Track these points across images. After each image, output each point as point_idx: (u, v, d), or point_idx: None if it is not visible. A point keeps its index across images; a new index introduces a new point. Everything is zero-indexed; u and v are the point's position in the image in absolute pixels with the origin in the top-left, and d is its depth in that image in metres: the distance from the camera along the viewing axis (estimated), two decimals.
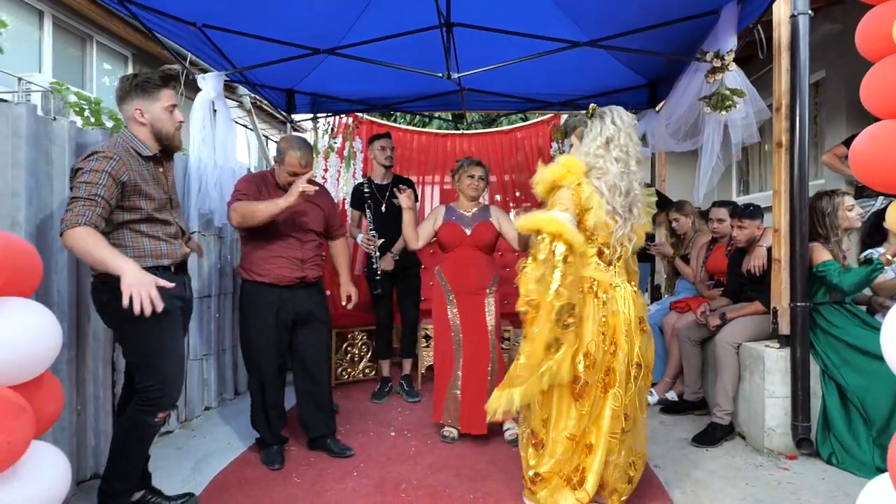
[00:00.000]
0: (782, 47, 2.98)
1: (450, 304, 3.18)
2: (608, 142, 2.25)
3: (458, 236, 3.20)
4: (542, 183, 2.25)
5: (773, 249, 3.08)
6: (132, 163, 2.08)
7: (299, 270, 2.86)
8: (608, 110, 2.34)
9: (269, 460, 2.83)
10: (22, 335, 1.41)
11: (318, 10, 3.44)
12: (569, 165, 2.21)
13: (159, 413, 2.13)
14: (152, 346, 2.09)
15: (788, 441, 2.95)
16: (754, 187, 6.45)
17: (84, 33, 6.60)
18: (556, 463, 2.22)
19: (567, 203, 2.15)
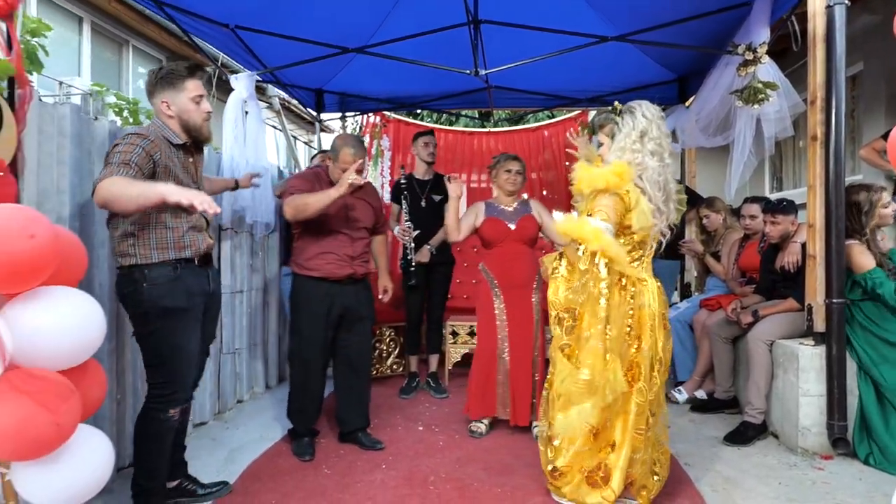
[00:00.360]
0: (817, 39, 2.91)
1: (496, 298, 3.18)
2: (642, 135, 2.25)
3: (502, 231, 3.18)
4: (588, 185, 2.21)
5: (808, 245, 3.01)
6: (164, 147, 2.10)
7: (349, 267, 2.90)
8: (636, 104, 2.33)
9: (301, 451, 2.88)
10: (69, 322, 1.48)
11: (347, 10, 3.50)
12: (620, 173, 2.16)
13: (170, 410, 2.12)
14: (167, 343, 2.08)
15: (824, 440, 2.89)
16: (788, 184, 6.29)
17: (121, 38, 6.81)
18: (574, 455, 2.21)
19: (609, 211, 2.13)
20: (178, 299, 2.09)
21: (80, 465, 1.50)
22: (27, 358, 1.39)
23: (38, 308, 1.44)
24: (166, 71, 2.16)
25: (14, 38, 1.89)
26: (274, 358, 4.16)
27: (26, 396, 1.34)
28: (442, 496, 2.45)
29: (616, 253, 2.07)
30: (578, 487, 2.24)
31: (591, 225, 2.09)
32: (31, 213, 1.41)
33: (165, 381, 2.10)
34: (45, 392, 1.38)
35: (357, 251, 2.95)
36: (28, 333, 1.39)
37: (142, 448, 2.11)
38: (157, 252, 2.08)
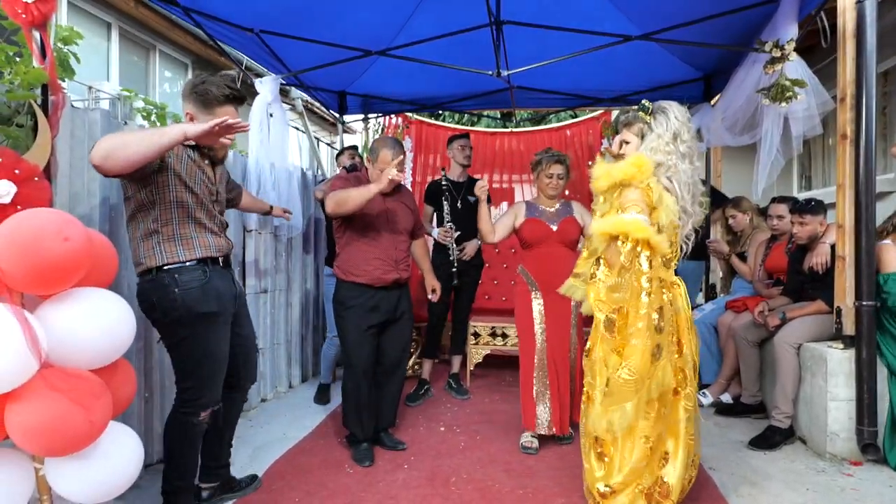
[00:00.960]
0: (847, 35, 2.84)
1: (536, 299, 3.10)
2: (675, 137, 2.21)
3: (543, 233, 3.10)
4: (608, 180, 2.18)
5: (837, 246, 2.95)
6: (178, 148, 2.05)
7: (394, 272, 2.90)
8: (667, 105, 2.28)
9: (360, 458, 2.83)
10: (101, 322, 1.52)
11: (369, 14, 3.53)
12: (639, 164, 2.13)
13: (201, 414, 2.12)
14: (199, 349, 2.06)
15: (853, 446, 2.82)
16: (817, 183, 6.15)
17: (148, 43, 6.96)
18: (630, 472, 2.11)
19: (640, 204, 2.10)
20: (211, 304, 2.06)
21: (110, 460, 1.55)
22: (60, 357, 1.43)
23: (71, 309, 1.49)
24: (203, 89, 2.11)
25: (48, 47, 1.95)
26: (297, 357, 4.21)
27: (61, 394, 1.38)
28: (464, 497, 2.46)
29: (658, 241, 2.04)
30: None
31: (628, 218, 2.06)
32: (65, 217, 1.46)
33: (195, 386, 2.09)
34: (78, 390, 1.42)
35: (400, 255, 2.96)
36: (61, 333, 1.43)
37: (172, 449, 2.13)
38: (183, 250, 2.04)
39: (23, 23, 1.90)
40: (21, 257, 1.36)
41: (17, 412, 1.37)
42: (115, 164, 1.74)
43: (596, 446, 2.20)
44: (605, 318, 2.13)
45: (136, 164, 1.79)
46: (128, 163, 1.76)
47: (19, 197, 1.46)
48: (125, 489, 1.60)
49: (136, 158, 1.76)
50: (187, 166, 2.09)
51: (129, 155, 1.75)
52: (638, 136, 2.29)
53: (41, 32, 1.94)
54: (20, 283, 1.40)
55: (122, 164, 1.75)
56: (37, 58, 1.95)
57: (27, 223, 1.39)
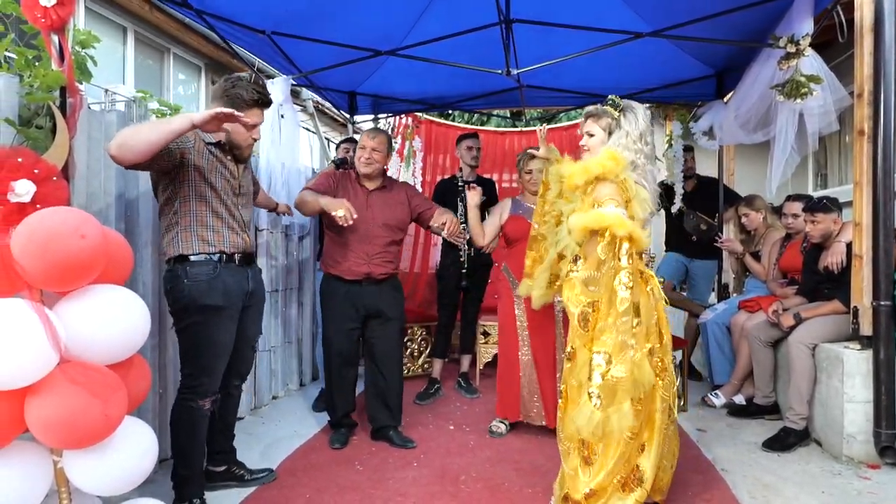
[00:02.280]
0: (865, 29, 2.80)
1: (517, 299, 3.13)
2: (641, 137, 2.24)
3: (524, 229, 3.11)
4: (585, 175, 2.17)
5: (854, 245, 2.90)
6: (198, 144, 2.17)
7: (366, 265, 2.95)
8: (635, 105, 2.30)
9: (332, 440, 3.01)
10: (117, 319, 1.55)
11: (379, 14, 3.55)
12: (615, 158, 2.14)
13: (199, 400, 2.19)
14: (200, 337, 2.16)
15: (870, 449, 2.78)
16: (833, 181, 6.06)
17: (162, 46, 7.05)
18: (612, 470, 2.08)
19: (617, 197, 2.10)
20: (216, 298, 2.17)
21: (126, 454, 1.57)
22: (77, 353, 1.46)
23: (88, 305, 1.51)
24: (234, 93, 2.20)
25: (66, 50, 1.99)
26: (307, 356, 4.24)
27: (79, 388, 1.41)
28: (473, 495, 2.46)
29: (640, 235, 2.04)
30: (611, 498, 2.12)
31: (609, 212, 2.04)
32: (82, 215, 1.49)
33: (195, 372, 2.19)
34: (95, 384, 1.45)
35: (374, 250, 2.96)
36: (79, 329, 1.46)
37: (177, 436, 2.22)
38: (198, 242, 2.17)
39: (41, 27, 1.93)
40: (40, 254, 1.39)
41: (37, 405, 1.40)
42: (128, 152, 1.85)
43: (582, 450, 2.14)
44: (579, 313, 2.12)
45: (147, 153, 1.87)
46: (139, 151, 1.85)
47: (38, 196, 1.49)
48: (140, 482, 1.63)
49: (145, 146, 1.86)
50: (209, 161, 2.19)
51: (139, 143, 1.84)
52: (605, 131, 2.31)
53: (59, 36, 1.98)
54: (39, 280, 1.43)
55: (134, 153, 1.85)
56: (55, 61, 1.98)
57: (46, 221, 1.42)
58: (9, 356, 1.32)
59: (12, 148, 1.52)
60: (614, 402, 2.00)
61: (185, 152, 2.10)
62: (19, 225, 1.44)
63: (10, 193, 1.46)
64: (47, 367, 1.40)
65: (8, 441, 1.46)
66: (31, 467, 1.52)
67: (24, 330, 1.34)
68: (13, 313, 1.36)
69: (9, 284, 1.45)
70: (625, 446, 2.08)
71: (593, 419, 2.00)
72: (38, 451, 1.56)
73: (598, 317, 2.05)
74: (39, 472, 1.54)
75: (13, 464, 1.50)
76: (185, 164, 2.11)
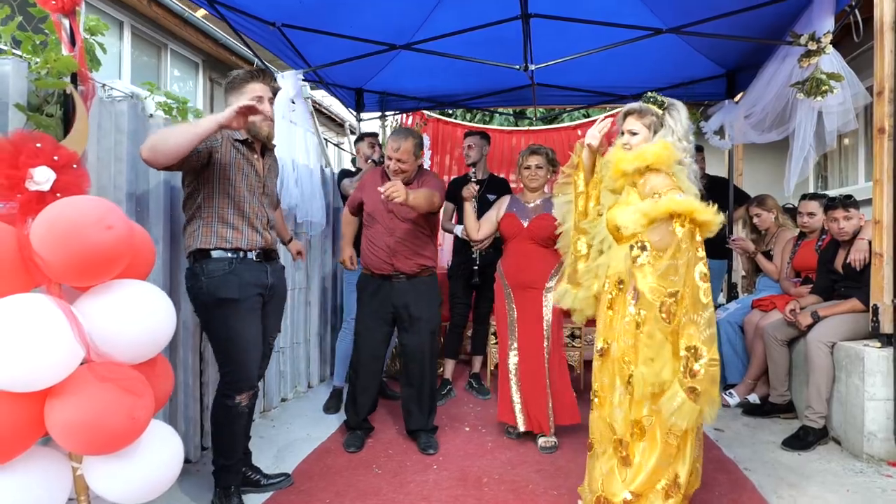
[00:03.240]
0: (885, 27, 2.78)
1: (507, 299, 3.09)
2: (686, 135, 2.18)
3: (515, 228, 3.08)
4: (636, 162, 2.07)
5: (874, 243, 2.89)
6: (226, 143, 2.19)
7: (390, 259, 2.89)
8: (677, 102, 2.22)
9: (347, 443, 2.92)
10: (143, 316, 1.47)
11: (391, 7, 3.48)
12: (668, 148, 2.07)
13: (237, 396, 2.20)
14: (226, 331, 2.17)
15: (891, 447, 2.77)
16: (833, 182, 6.09)
17: (159, 42, 6.92)
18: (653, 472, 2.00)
19: (674, 189, 2.00)
20: (232, 291, 2.16)
21: (151, 459, 1.49)
22: (101, 351, 1.37)
23: (112, 301, 1.43)
24: (231, 77, 2.28)
25: (77, 34, 1.91)
26: (316, 357, 4.15)
27: (104, 388, 1.33)
28: (498, 497, 2.40)
29: (708, 212, 1.90)
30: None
31: (680, 198, 1.93)
32: (107, 204, 1.41)
33: (228, 369, 2.20)
34: (121, 385, 1.36)
35: (397, 245, 2.88)
36: (103, 326, 1.38)
37: (217, 432, 2.24)
38: (217, 238, 2.17)
39: (52, 9, 1.85)
40: (62, 246, 1.31)
41: (59, 408, 1.32)
42: (160, 156, 1.93)
43: (620, 450, 2.06)
44: (660, 304, 1.95)
45: (177, 155, 1.95)
46: (170, 154, 1.93)
47: (58, 184, 1.41)
48: (165, 489, 1.55)
49: (175, 150, 1.93)
50: (235, 158, 2.20)
51: (169, 147, 1.92)
52: (649, 129, 2.18)
53: (70, 20, 1.90)
54: (60, 274, 1.34)
55: (165, 156, 1.93)
56: (66, 45, 1.90)
57: (68, 210, 1.34)
58: (32, 355, 1.24)
59: (30, 132, 1.43)
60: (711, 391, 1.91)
61: (213, 151, 2.13)
62: (38, 215, 1.35)
63: (29, 181, 1.37)
64: (71, 366, 1.32)
65: (26, 448, 1.37)
66: (50, 475, 1.44)
67: (47, 327, 1.26)
68: (35, 309, 1.27)
69: (28, 278, 1.36)
70: (664, 446, 1.99)
71: (693, 412, 1.90)
72: (57, 457, 1.47)
73: (680, 308, 1.93)
74: (59, 480, 1.46)
75: (32, 471, 1.41)
76: (212, 162, 2.14)
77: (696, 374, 1.90)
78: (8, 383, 1.25)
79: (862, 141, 5.34)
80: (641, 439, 2.02)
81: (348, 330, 3.63)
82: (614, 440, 2.08)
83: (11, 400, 1.30)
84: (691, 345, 1.92)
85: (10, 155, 1.34)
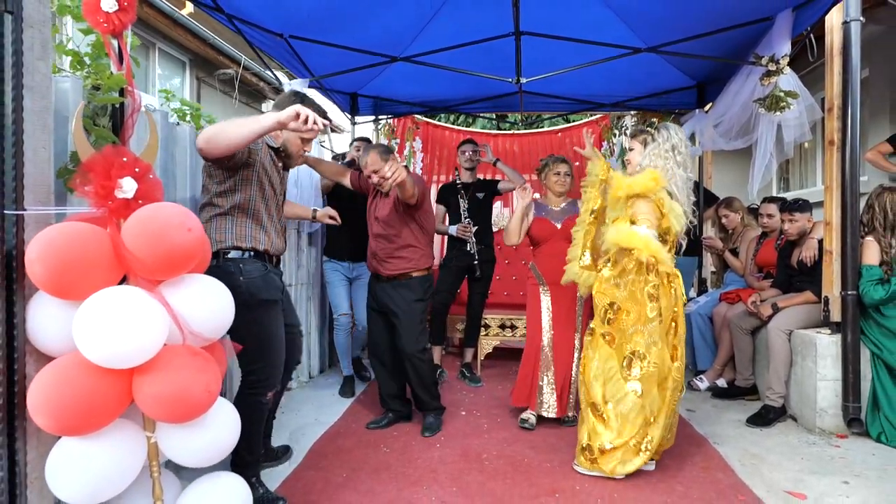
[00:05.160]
0: (834, 52, 3.16)
1: (544, 294, 3.33)
2: (673, 148, 2.64)
3: (548, 231, 3.34)
4: (627, 190, 2.53)
5: (825, 241, 3.27)
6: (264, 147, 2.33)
7: (372, 262, 3.25)
8: (670, 124, 2.73)
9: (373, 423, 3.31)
10: (214, 303, 1.70)
11: (390, 20, 3.71)
12: (655, 178, 2.51)
13: (267, 393, 2.33)
14: (262, 331, 2.25)
15: (839, 421, 3.14)
16: (794, 184, 6.56)
17: (147, 41, 7.00)
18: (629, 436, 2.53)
19: (651, 217, 2.48)
20: (272, 292, 2.30)
21: (217, 428, 1.73)
22: (194, 332, 1.61)
23: (187, 292, 1.66)
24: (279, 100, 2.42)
25: (125, 53, 2.11)
26: (316, 349, 4.38)
27: (187, 366, 1.56)
28: (498, 469, 2.69)
29: (664, 257, 2.46)
30: (623, 459, 2.53)
31: (640, 234, 2.44)
32: (186, 211, 1.63)
33: (259, 367, 2.29)
34: (199, 363, 1.60)
35: (378, 249, 3.18)
36: (186, 313, 1.61)
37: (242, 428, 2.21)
38: (251, 239, 2.27)
39: (103, 31, 2.04)
40: (154, 245, 1.53)
41: (148, 382, 1.54)
42: (215, 148, 2.03)
43: (595, 411, 2.59)
44: (602, 307, 2.56)
45: (233, 148, 2.04)
46: (226, 146, 2.01)
47: (139, 192, 1.63)
48: (226, 455, 1.78)
49: (235, 142, 2.01)
50: (270, 165, 2.34)
51: (227, 138, 2.00)
52: (642, 145, 2.77)
53: (119, 40, 2.10)
54: (148, 268, 1.57)
55: (221, 148, 2.02)
56: (115, 64, 2.10)
57: (156, 216, 1.56)
58: (133, 336, 1.46)
59: (116, 147, 1.65)
60: (647, 390, 2.48)
61: (253, 151, 2.22)
62: (130, 218, 1.58)
63: (118, 190, 1.59)
64: (160, 346, 1.55)
65: (114, 418, 1.60)
66: (130, 443, 1.65)
67: (146, 313, 1.49)
68: (135, 298, 1.50)
69: (118, 273, 1.59)
70: (643, 418, 2.50)
71: (636, 407, 2.49)
72: (133, 427, 1.70)
73: (628, 320, 2.50)
74: (136, 448, 1.68)
75: (114, 440, 1.63)
76: (251, 164, 2.24)
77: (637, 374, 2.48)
78: (110, 360, 1.47)
79: (820, 147, 5.80)
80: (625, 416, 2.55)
81: (339, 325, 3.91)
82: (590, 403, 2.61)
83: (106, 375, 1.52)
84: (636, 349, 2.48)
85: (104, 168, 1.56)
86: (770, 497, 2.39)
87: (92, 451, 1.57)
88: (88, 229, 1.54)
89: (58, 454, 1.54)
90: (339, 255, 3.91)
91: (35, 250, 1.47)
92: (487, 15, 3.52)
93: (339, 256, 3.91)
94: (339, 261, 3.91)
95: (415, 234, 3.18)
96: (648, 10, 3.47)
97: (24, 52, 1.56)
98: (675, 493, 2.44)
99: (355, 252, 3.86)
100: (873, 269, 3.09)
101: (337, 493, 2.43)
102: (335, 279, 3.90)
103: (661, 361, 2.48)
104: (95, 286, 1.50)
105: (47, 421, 1.47)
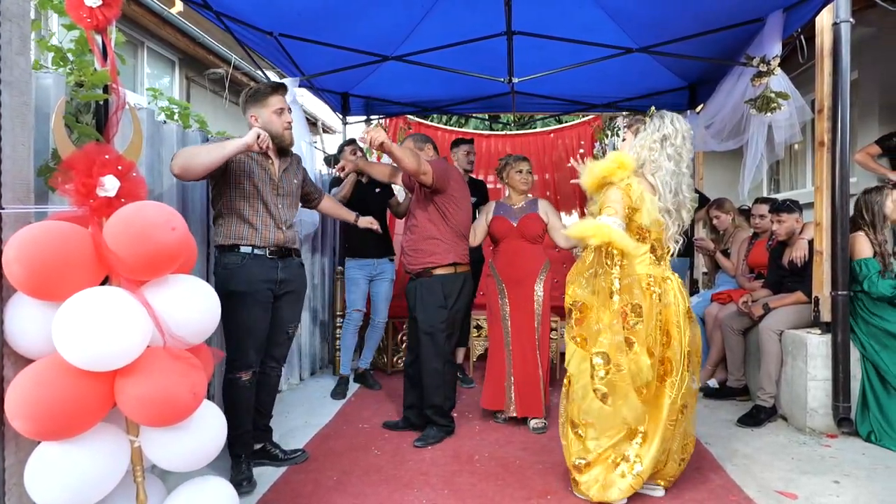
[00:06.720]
0: (825, 53, 3.17)
1: (501, 294, 3.35)
2: (664, 139, 2.36)
3: (505, 228, 3.35)
4: (591, 178, 2.35)
5: (815, 241, 3.28)
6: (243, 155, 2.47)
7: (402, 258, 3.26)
8: (667, 113, 2.46)
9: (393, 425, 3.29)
10: (195, 304, 1.67)
11: (383, 19, 3.69)
12: (619, 161, 2.31)
13: (237, 373, 2.51)
14: (231, 317, 2.44)
15: (829, 421, 3.15)
16: (785, 185, 6.60)
17: (136, 40, 6.93)
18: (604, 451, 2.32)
19: (616, 205, 2.24)
20: (240, 284, 2.47)
21: (202, 431, 1.69)
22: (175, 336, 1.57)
23: (170, 292, 1.63)
24: (253, 90, 2.58)
25: (109, 50, 2.07)
26: (307, 352, 4.34)
27: (170, 368, 1.53)
28: (490, 471, 2.67)
29: (624, 244, 2.18)
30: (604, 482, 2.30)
31: (593, 222, 2.23)
32: (170, 209, 1.60)
33: (231, 349, 2.52)
34: (183, 365, 1.56)
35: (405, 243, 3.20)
36: (168, 314, 1.58)
37: (224, 405, 2.52)
38: (235, 235, 2.49)
39: (86, 26, 2.00)
40: (136, 244, 1.50)
41: (131, 384, 1.51)
42: (190, 174, 2.30)
43: (572, 426, 2.40)
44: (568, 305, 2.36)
45: (205, 173, 2.33)
46: (200, 172, 2.30)
47: (122, 190, 1.59)
48: (212, 459, 1.74)
49: (205, 168, 2.29)
50: (248, 166, 2.48)
51: (198, 166, 2.28)
52: (633, 135, 2.50)
53: (103, 36, 2.06)
54: (131, 268, 1.53)
55: (195, 174, 2.31)
56: (99, 60, 2.06)
57: (141, 214, 1.53)
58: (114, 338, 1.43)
59: (98, 144, 1.61)
60: (619, 395, 2.21)
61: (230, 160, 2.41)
62: (112, 217, 1.54)
63: (100, 188, 1.56)
64: (143, 348, 1.52)
65: (96, 422, 1.56)
66: (112, 447, 1.61)
67: (127, 314, 1.46)
68: (116, 299, 1.47)
69: (99, 273, 1.55)
70: (616, 430, 2.29)
71: (603, 413, 2.24)
72: (116, 432, 1.66)
73: (592, 317, 2.26)
74: (119, 452, 1.64)
75: (96, 444, 1.58)
76: (228, 169, 2.46)
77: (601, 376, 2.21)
78: (91, 362, 1.44)
79: (810, 148, 5.83)
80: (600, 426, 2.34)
81: (350, 319, 3.96)
82: (568, 418, 2.44)
83: (87, 378, 1.49)
84: (601, 350, 2.21)
85: (85, 165, 1.52)
86: (761, 497, 2.39)
87: (73, 455, 1.53)
88: (69, 228, 1.51)
89: (37, 459, 1.50)
90: (362, 252, 4.01)
91: (14, 250, 1.44)
92: (479, 14, 3.50)
93: (362, 254, 4.01)
94: (363, 258, 4.01)
95: (435, 223, 3.05)
96: (640, 11, 3.48)
97: (1, 47, 1.52)
98: (667, 492, 2.43)
99: (377, 248, 4.00)
100: (872, 261, 3.11)
101: (327, 496, 2.40)
102: (357, 276, 4.03)
103: (634, 366, 2.18)
104: (76, 287, 1.47)
105: (26, 425, 1.43)
